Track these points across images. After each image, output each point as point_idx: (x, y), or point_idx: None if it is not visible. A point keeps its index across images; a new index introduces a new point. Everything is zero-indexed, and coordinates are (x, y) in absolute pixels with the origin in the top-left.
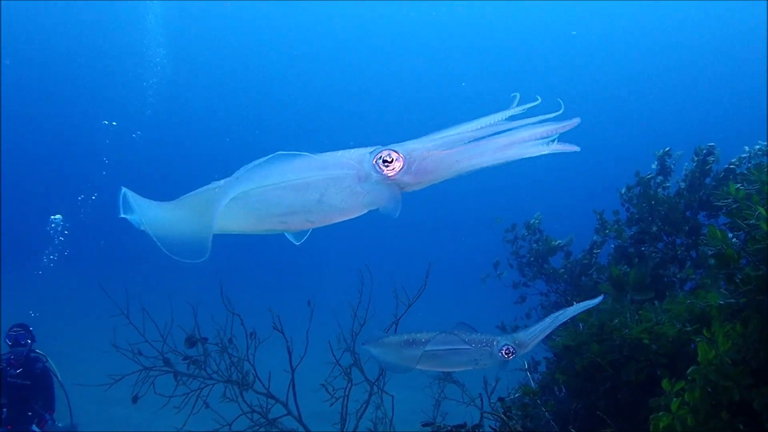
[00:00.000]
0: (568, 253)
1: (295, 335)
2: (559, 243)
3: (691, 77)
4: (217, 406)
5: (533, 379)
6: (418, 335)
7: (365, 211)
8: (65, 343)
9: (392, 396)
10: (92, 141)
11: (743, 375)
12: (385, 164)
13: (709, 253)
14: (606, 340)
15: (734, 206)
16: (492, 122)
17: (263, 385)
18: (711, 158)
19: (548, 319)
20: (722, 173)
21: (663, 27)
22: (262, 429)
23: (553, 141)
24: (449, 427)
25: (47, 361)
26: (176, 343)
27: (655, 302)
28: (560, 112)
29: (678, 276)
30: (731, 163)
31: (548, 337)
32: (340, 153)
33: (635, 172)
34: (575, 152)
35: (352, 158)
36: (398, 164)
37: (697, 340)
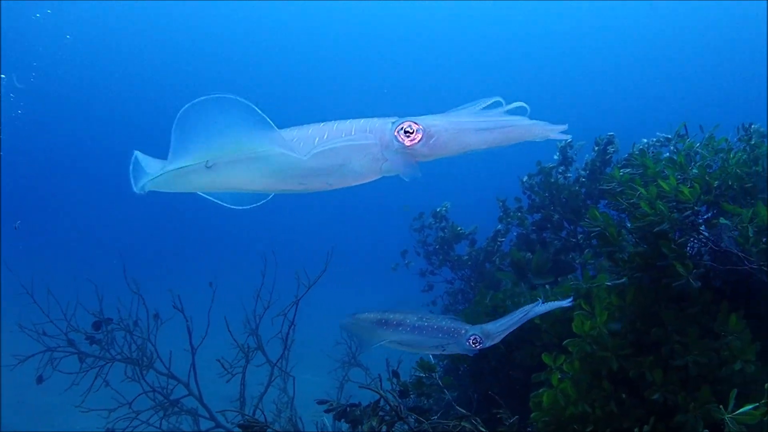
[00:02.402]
0: (473, 241)
1: (198, 317)
2: (464, 231)
3: (597, 69)
4: (119, 386)
5: (440, 365)
6: (391, 316)
7: (380, 176)
8: None
9: (293, 377)
10: None
11: (621, 346)
12: (407, 134)
13: (593, 233)
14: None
15: (618, 189)
16: (498, 112)
17: (165, 365)
18: (611, 148)
19: (518, 313)
20: (622, 162)
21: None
22: (162, 410)
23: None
24: (344, 406)
25: None
26: (80, 323)
27: (546, 286)
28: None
29: (578, 261)
30: (631, 154)
31: None
32: (363, 121)
33: (537, 162)
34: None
35: (375, 127)
36: (418, 136)
37: (575, 313)
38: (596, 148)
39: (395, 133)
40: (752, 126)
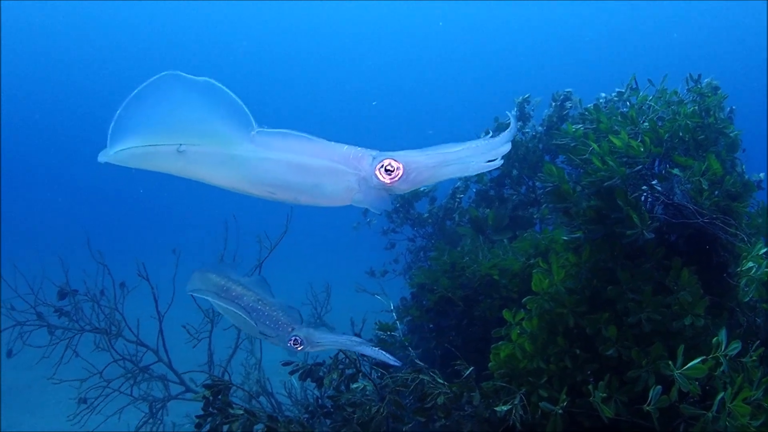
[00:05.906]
0: (433, 199)
1: (165, 284)
2: (424, 189)
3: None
4: (89, 356)
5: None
6: (234, 287)
7: (349, 203)
8: None
9: (260, 340)
10: None
11: (577, 303)
12: (387, 173)
13: (547, 188)
14: (458, 277)
15: (572, 145)
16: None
17: (133, 333)
18: (568, 104)
19: (348, 341)
20: (577, 118)
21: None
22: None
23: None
24: (309, 366)
25: None
26: (48, 297)
27: (504, 241)
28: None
29: (536, 216)
30: (586, 109)
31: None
32: (346, 147)
33: (494, 118)
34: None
35: (357, 157)
36: (398, 173)
37: (534, 271)
38: (554, 104)
39: (376, 171)
40: (700, 76)
